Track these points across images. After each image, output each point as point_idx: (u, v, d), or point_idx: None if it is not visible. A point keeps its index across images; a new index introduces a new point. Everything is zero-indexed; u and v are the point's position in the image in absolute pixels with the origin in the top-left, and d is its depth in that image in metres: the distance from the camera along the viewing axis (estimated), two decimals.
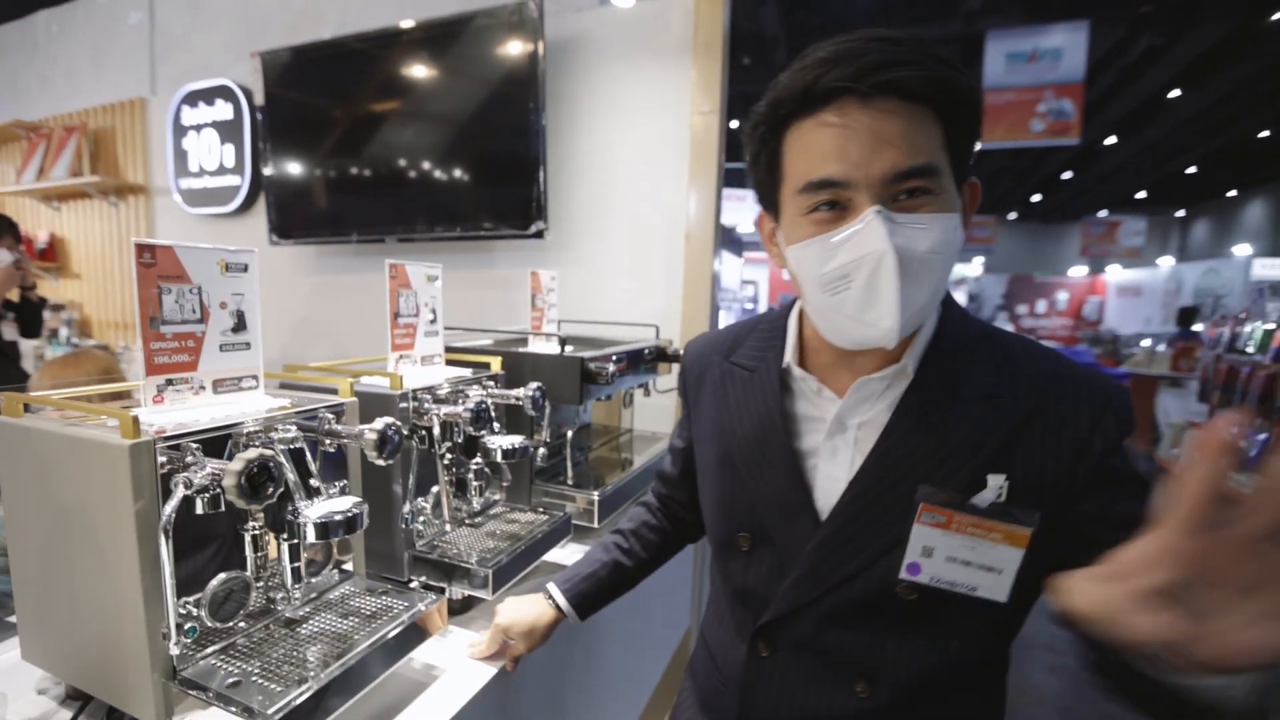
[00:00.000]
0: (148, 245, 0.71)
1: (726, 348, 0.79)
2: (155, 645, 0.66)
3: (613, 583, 0.93)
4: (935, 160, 0.56)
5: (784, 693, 0.69)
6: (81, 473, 0.67)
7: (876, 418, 0.65)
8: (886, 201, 0.56)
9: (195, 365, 0.77)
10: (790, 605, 0.67)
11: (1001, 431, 0.60)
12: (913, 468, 0.62)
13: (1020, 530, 0.57)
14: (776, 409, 0.70)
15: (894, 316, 0.56)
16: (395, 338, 1.05)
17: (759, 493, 0.69)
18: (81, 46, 3.26)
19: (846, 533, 0.64)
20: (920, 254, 0.56)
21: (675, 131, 1.91)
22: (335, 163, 2.31)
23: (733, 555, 0.73)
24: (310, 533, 0.69)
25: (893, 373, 0.64)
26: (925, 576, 0.60)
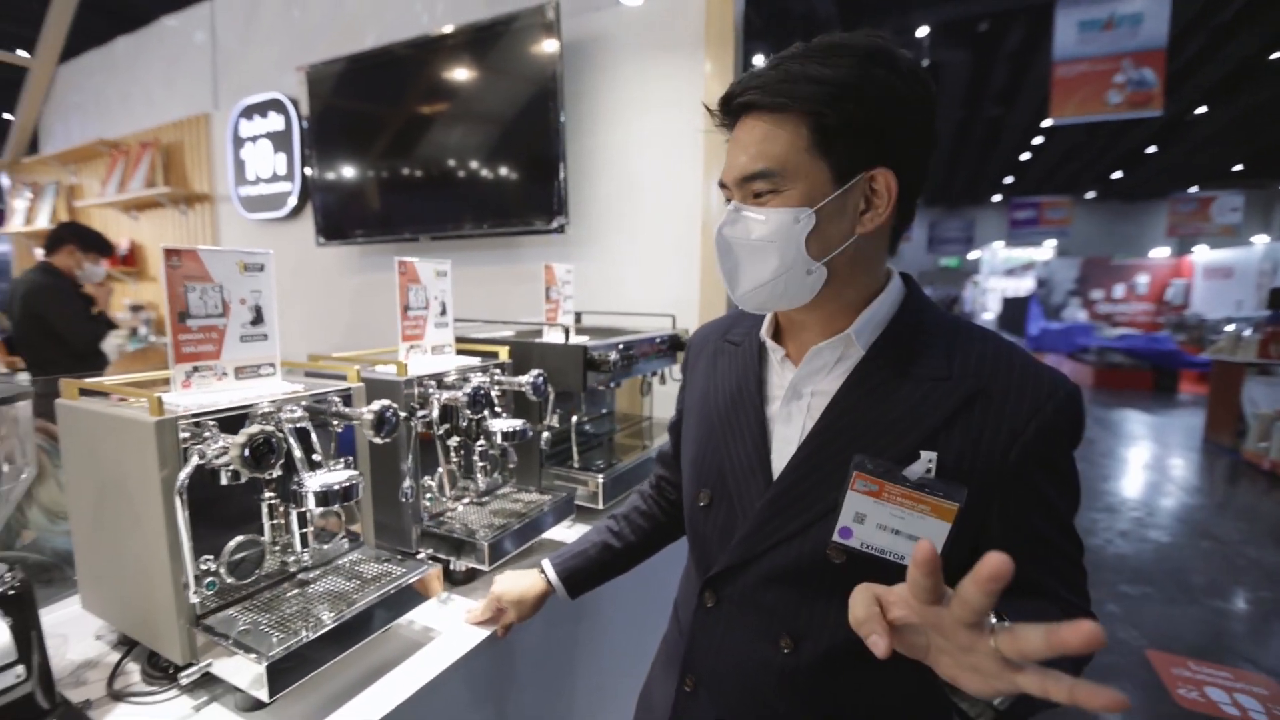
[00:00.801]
0: (174, 250, 0.81)
1: (725, 328, 0.86)
2: (180, 596, 0.76)
3: (601, 564, 0.98)
4: (777, 164, 0.64)
5: (722, 642, 0.74)
6: (120, 446, 0.78)
7: (829, 388, 0.70)
8: (747, 198, 0.67)
9: (218, 354, 0.87)
10: (734, 559, 0.72)
11: (941, 412, 0.64)
12: (855, 437, 0.66)
13: (946, 504, 0.60)
14: (752, 376, 0.76)
15: (735, 287, 0.70)
16: (405, 329, 1.14)
17: (727, 453, 0.75)
18: (155, 68, 3.56)
19: (790, 495, 0.68)
20: (752, 241, 0.67)
21: (691, 125, 1.94)
22: (373, 167, 2.46)
23: (695, 511, 0.79)
24: (311, 500, 0.78)
25: (839, 342, 0.69)
26: (856, 541, 0.63)
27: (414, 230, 2.38)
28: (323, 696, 0.80)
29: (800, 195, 0.64)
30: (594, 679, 1.30)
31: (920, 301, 0.72)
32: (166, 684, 0.81)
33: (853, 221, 0.66)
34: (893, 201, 0.65)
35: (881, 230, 0.68)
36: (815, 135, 0.63)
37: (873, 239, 0.68)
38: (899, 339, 0.68)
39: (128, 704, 0.79)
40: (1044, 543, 0.64)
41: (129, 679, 0.84)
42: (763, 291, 0.68)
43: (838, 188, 0.64)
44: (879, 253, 0.70)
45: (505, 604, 0.96)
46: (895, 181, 0.64)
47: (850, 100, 0.61)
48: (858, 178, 0.64)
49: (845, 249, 0.66)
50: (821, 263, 0.66)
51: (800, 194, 0.64)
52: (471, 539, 1.03)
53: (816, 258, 0.66)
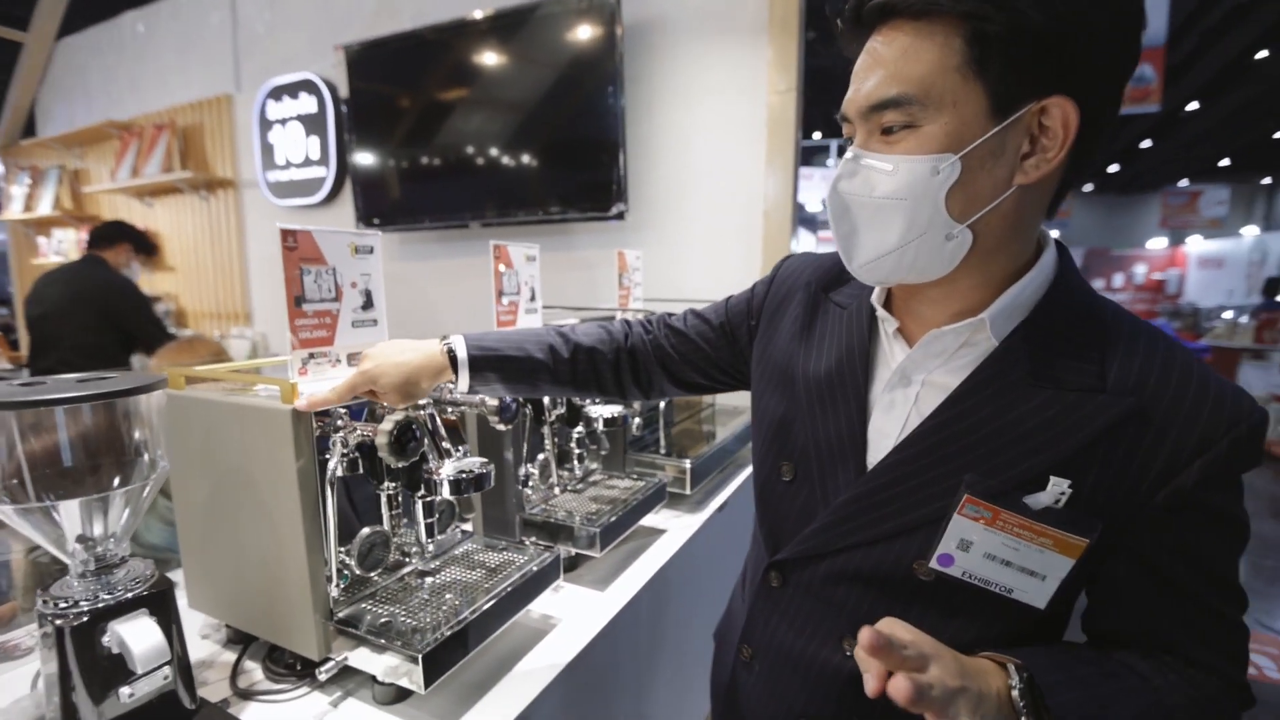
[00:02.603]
0: (291, 231, 0.77)
1: (829, 280, 0.72)
2: (317, 588, 0.73)
3: (519, 373, 0.79)
4: (918, 87, 0.50)
5: (781, 627, 0.68)
6: (246, 436, 0.74)
7: (946, 380, 0.58)
8: (873, 135, 0.54)
9: (332, 340, 0.83)
10: (807, 550, 0.64)
11: (1084, 432, 0.52)
12: (969, 447, 0.55)
13: (1075, 540, 0.52)
14: (859, 348, 0.65)
15: (852, 257, 0.58)
16: (500, 315, 1.10)
17: (816, 429, 0.65)
18: (168, 46, 3.45)
19: (880, 496, 0.59)
20: (876, 198, 0.53)
21: (752, 111, 1.90)
22: (418, 150, 2.40)
23: (774, 483, 0.70)
24: (445, 488, 0.74)
25: (967, 328, 0.57)
26: (958, 570, 0.55)
27: (464, 217, 2.32)
28: (461, 688, 0.77)
29: (944, 133, 0.50)
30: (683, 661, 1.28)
31: (1076, 284, 0.58)
32: (296, 680, 0.78)
33: (1011, 168, 0.51)
34: (1069, 142, 0.50)
35: (1046, 182, 0.53)
36: (971, 49, 0.48)
37: (1034, 194, 0.53)
38: (1044, 331, 0.55)
39: (258, 702, 0.76)
40: (1181, 592, 0.54)
41: (251, 677, 0.81)
42: (887, 262, 0.55)
43: (997, 122, 0.50)
44: (1037, 213, 0.55)
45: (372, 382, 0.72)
46: (1077, 115, 0.49)
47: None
48: (1024, 109, 0.49)
49: (999, 205, 0.52)
50: (966, 224, 0.52)
51: (944, 131, 0.50)
52: (580, 526, 1.00)
53: (960, 218, 0.52)
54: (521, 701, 0.74)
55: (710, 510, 1.32)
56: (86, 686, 0.60)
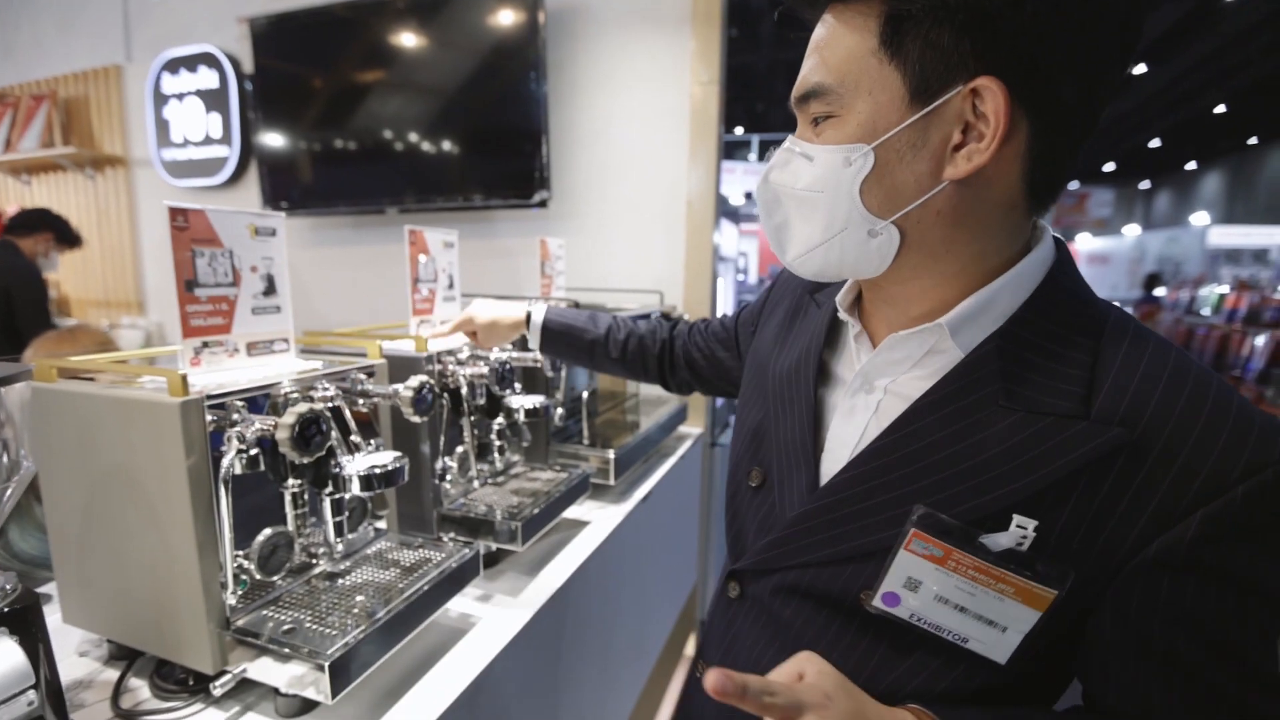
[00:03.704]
0: (181, 209, 0.72)
1: (819, 283, 0.69)
2: (211, 596, 0.68)
3: (582, 349, 1.00)
4: (834, 75, 0.48)
5: (735, 642, 0.63)
6: (128, 433, 0.68)
7: (910, 390, 0.52)
8: (807, 127, 0.52)
9: (229, 328, 0.77)
10: (761, 563, 0.59)
11: (1059, 464, 0.44)
12: (920, 472, 0.49)
13: (1039, 590, 0.45)
14: (816, 348, 0.61)
15: (784, 251, 0.55)
16: (416, 303, 1.06)
17: (779, 432, 0.62)
18: (47, 11, 3.12)
19: (828, 516, 0.54)
20: (799, 190, 0.51)
21: (675, 101, 1.91)
22: (332, 132, 2.27)
23: (743, 487, 0.66)
24: (355, 485, 0.71)
25: (930, 333, 0.51)
26: (904, 611, 0.49)
27: (381, 202, 2.22)
28: (372, 695, 0.74)
29: (859, 122, 0.47)
30: (637, 654, 1.29)
31: (1068, 288, 0.50)
32: (189, 697, 0.73)
33: (938, 161, 0.46)
34: (1000, 131, 0.44)
35: (995, 178, 0.46)
36: (886, 30, 0.45)
37: (979, 190, 0.47)
38: (1020, 343, 0.48)
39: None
40: (1186, 673, 0.44)
41: (136, 696, 0.75)
42: (815, 257, 0.52)
43: (916, 110, 0.45)
44: (997, 211, 0.48)
45: (476, 326, 1.01)
46: (1005, 97, 0.43)
47: None
48: (948, 94, 0.44)
49: (929, 201, 0.47)
50: (889, 221, 0.48)
51: (859, 120, 0.47)
52: (502, 520, 0.98)
53: (881, 214, 0.48)
54: (435, 709, 0.71)
55: (634, 501, 1.33)
56: None
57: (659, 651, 1.69)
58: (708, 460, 2.02)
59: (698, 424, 1.92)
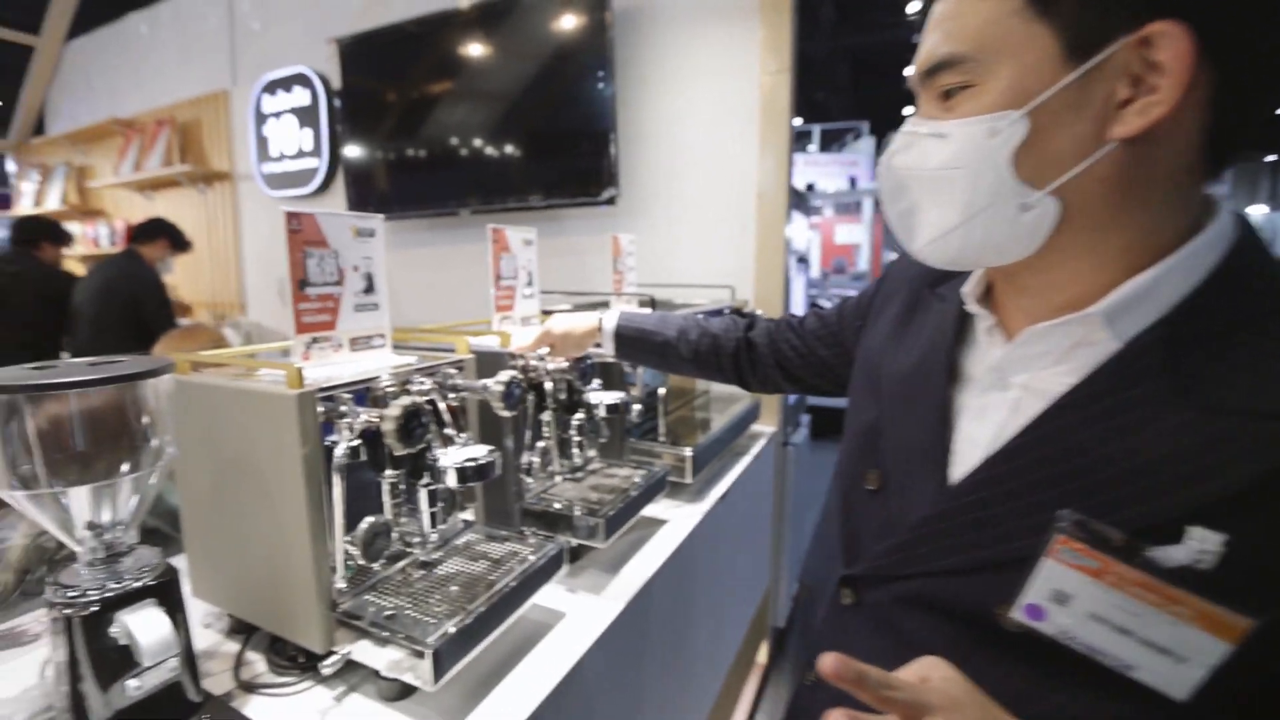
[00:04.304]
0: (295, 214, 0.76)
1: (937, 276, 0.65)
2: (321, 579, 0.72)
3: (654, 351, 1.00)
4: (971, 43, 0.44)
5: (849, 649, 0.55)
6: (249, 422, 0.74)
7: (1053, 385, 0.47)
8: (933, 102, 0.49)
9: (334, 324, 0.82)
10: (880, 569, 0.56)
11: (1246, 468, 0.38)
12: (1068, 474, 0.44)
13: (1228, 617, 0.38)
14: (944, 343, 0.57)
15: (912, 237, 0.52)
16: (498, 299, 1.09)
17: (897, 432, 0.59)
18: (168, 45, 3.44)
19: (959, 520, 0.49)
20: (931, 170, 0.48)
21: (744, 93, 1.88)
22: (409, 140, 2.39)
23: (857, 491, 0.63)
24: (451, 477, 0.73)
25: (1076, 324, 0.46)
26: (1051, 628, 0.44)
27: (455, 205, 2.31)
28: (468, 684, 0.76)
29: (1004, 88, 0.44)
30: (712, 658, 1.28)
31: (1259, 269, 0.44)
32: (300, 674, 0.77)
33: (1100, 120, 0.42)
34: (1184, 78, 0.39)
35: (1172, 134, 0.41)
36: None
37: (1154, 150, 0.42)
38: (1195, 332, 0.42)
39: (262, 695, 0.75)
40: None
41: (253, 669, 0.80)
42: (952, 241, 0.49)
43: (1073, 67, 0.42)
44: (1170, 175, 0.43)
45: (554, 338, 1.01)
46: (1189, 41, 0.39)
47: None
48: (1112, 46, 0.41)
49: (1093, 167, 0.43)
50: (1045, 192, 0.44)
51: (1004, 86, 0.44)
52: (584, 516, 0.99)
53: (1037, 185, 0.44)
54: (532, 700, 0.73)
55: (712, 500, 1.32)
56: (95, 676, 0.59)
57: (733, 657, 1.66)
58: (780, 460, 1.97)
59: (770, 422, 1.88)
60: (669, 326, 0.99)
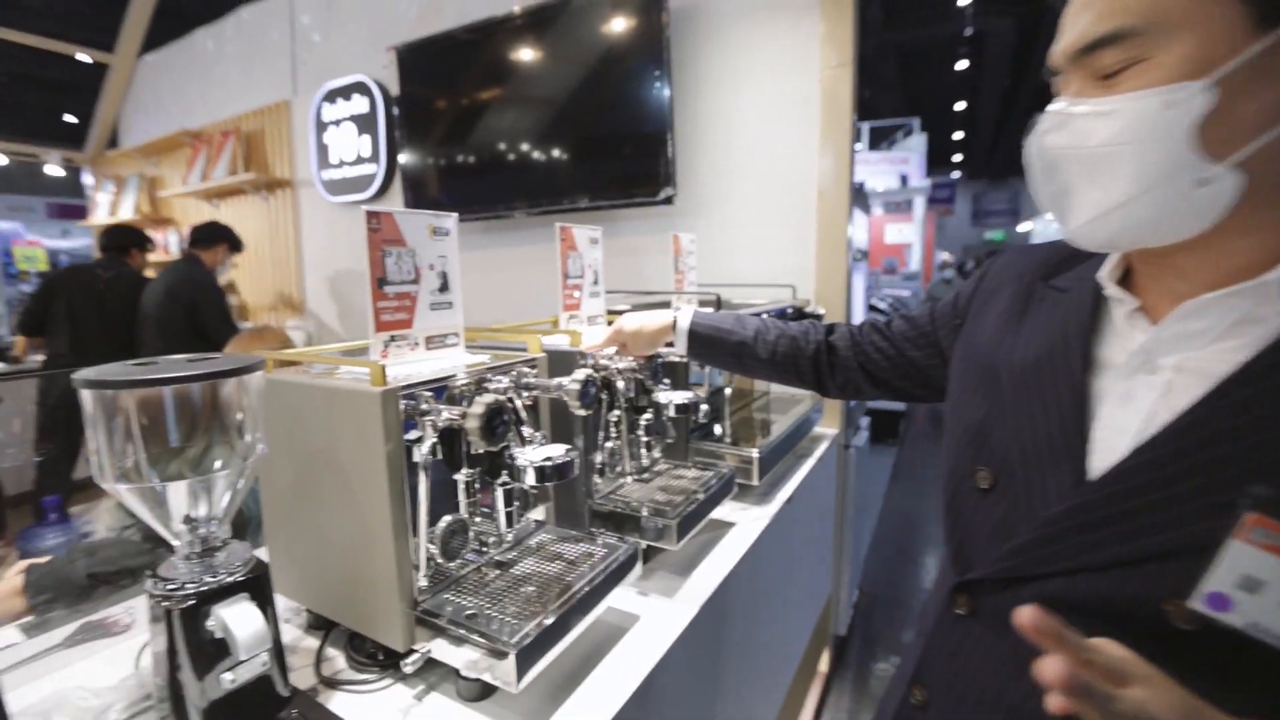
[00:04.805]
0: (375, 213, 0.77)
1: (1049, 268, 0.63)
2: (403, 577, 0.72)
3: (728, 353, 0.97)
4: (1140, 17, 0.43)
5: (968, 665, 0.56)
6: (333, 419, 0.74)
7: (1212, 365, 0.45)
8: (1089, 81, 0.47)
9: (411, 322, 0.82)
10: (1005, 570, 0.52)
11: None
12: (1254, 449, 0.42)
13: None
14: (1076, 331, 0.55)
15: (1069, 216, 0.50)
16: (565, 298, 1.08)
17: (1019, 426, 0.55)
18: (233, 59, 3.59)
19: (1111, 509, 0.46)
20: (1090, 149, 0.46)
21: (804, 88, 1.84)
22: (465, 144, 2.42)
23: (966, 492, 0.60)
24: (529, 476, 0.72)
25: (1248, 294, 0.45)
26: (1238, 619, 0.40)
27: (510, 207, 2.33)
28: (547, 686, 0.75)
29: (1182, 59, 0.42)
30: (777, 665, 1.24)
31: None
32: (380, 671, 0.77)
33: None
34: None
35: None
36: None
37: None
38: None
39: (344, 691, 0.75)
40: None
41: (334, 665, 0.81)
42: (1113, 220, 0.47)
43: (1262, 34, 0.41)
44: None
45: (625, 337, 0.99)
46: None
47: None
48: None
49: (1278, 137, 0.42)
50: (1227, 164, 0.43)
51: (1183, 57, 0.42)
52: (655, 518, 0.97)
53: (1217, 157, 0.43)
54: (614, 703, 0.71)
55: (778, 503, 1.28)
56: (192, 666, 0.60)
57: (796, 665, 1.62)
58: (842, 463, 1.91)
59: (832, 424, 1.83)
60: (745, 327, 0.96)
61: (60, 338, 2.89)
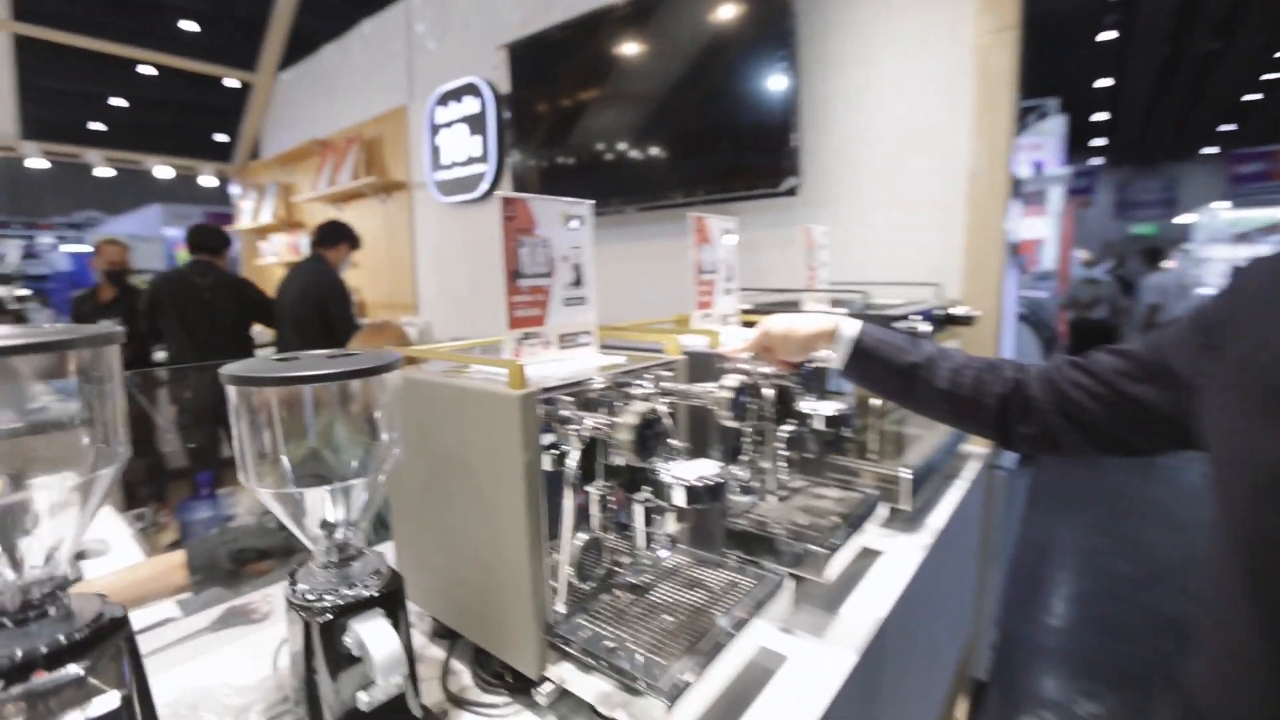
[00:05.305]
0: (510, 198, 0.71)
1: None
2: (538, 598, 0.65)
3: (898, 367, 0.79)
4: None
5: None
6: (464, 422, 0.69)
7: None
8: None
9: (544, 319, 0.76)
10: None
11: None
12: None
13: None
14: None
15: None
16: (698, 295, 0.99)
17: None
18: (356, 70, 3.81)
19: None
20: None
21: (954, 59, 1.63)
22: (573, 138, 2.39)
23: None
24: (679, 496, 0.63)
25: None
26: None
27: (619, 203, 2.27)
28: None
29: None
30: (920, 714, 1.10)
31: None
32: (508, 695, 0.71)
33: None
34: None
35: None
36: None
37: None
38: None
39: (470, 713, 0.70)
40: None
41: (460, 680, 0.76)
42: None
43: None
44: None
45: (772, 339, 0.86)
46: None
47: None
48: None
49: None
50: None
51: None
52: (800, 542, 0.86)
53: None
54: None
55: (930, 531, 1.12)
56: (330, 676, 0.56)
57: (937, 713, 1.44)
58: (989, 486, 1.70)
59: (981, 441, 1.62)
60: (920, 347, 0.80)
61: (179, 345, 3.04)
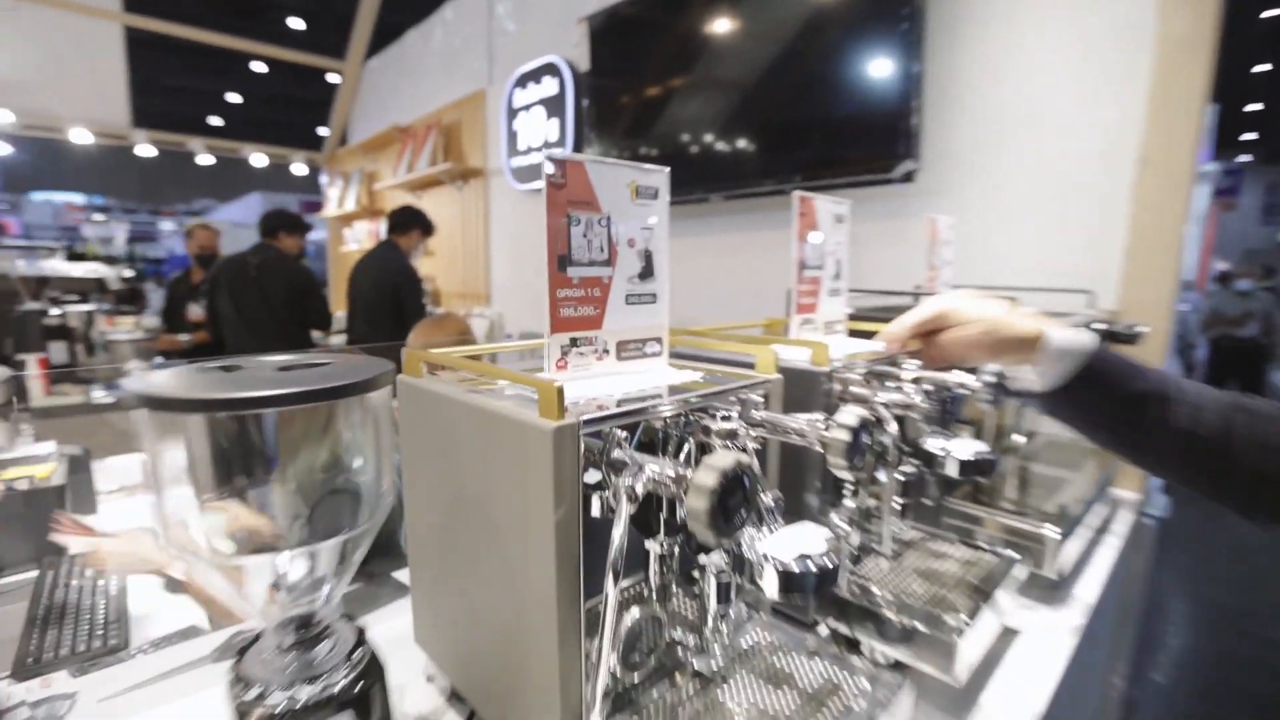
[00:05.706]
0: (560, 160, 0.53)
1: None
2: (568, 688, 0.48)
3: (1127, 396, 0.59)
4: None
5: None
6: (487, 451, 0.52)
7: None
8: None
9: (600, 321, 0.58)
10: None
11: None
12: None
13: None
14: None
15: None
16: (800, 295, 0.78)
17: None
18: (437, 55, 3.80)
19: None
20: None
21: (1124, 17, 1.33)
22: (656, 119, 2.21)
23: None
24: (771, 583, 0.44)
25: None
26: None
27: (703, 190, 2.07)
28: None
29: None
30: None
31: None
32: None
33: None
34: None
35: None
36: None
37: None
38: None
39: None
40: None
41: None
42: None
43: None
44: None
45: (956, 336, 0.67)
46: None
47: None
48: None
49: None
50: None
51: None
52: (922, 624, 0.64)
53: None
54: None
55: (1079, 604, 0.88)
56: None
57: None
58: (1139, 541, 1.39)
59: (1131, 487, 1.32)
60: (1164, 376, 0.60)
61: (230, 328, 2.98)
